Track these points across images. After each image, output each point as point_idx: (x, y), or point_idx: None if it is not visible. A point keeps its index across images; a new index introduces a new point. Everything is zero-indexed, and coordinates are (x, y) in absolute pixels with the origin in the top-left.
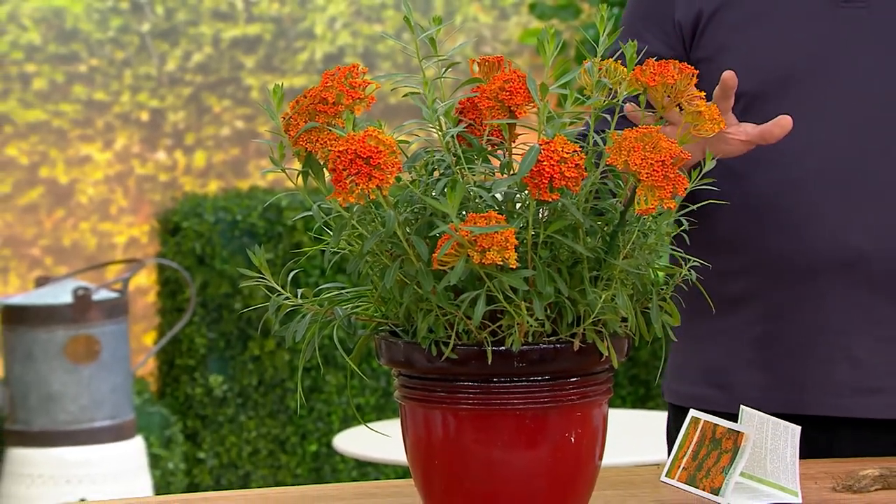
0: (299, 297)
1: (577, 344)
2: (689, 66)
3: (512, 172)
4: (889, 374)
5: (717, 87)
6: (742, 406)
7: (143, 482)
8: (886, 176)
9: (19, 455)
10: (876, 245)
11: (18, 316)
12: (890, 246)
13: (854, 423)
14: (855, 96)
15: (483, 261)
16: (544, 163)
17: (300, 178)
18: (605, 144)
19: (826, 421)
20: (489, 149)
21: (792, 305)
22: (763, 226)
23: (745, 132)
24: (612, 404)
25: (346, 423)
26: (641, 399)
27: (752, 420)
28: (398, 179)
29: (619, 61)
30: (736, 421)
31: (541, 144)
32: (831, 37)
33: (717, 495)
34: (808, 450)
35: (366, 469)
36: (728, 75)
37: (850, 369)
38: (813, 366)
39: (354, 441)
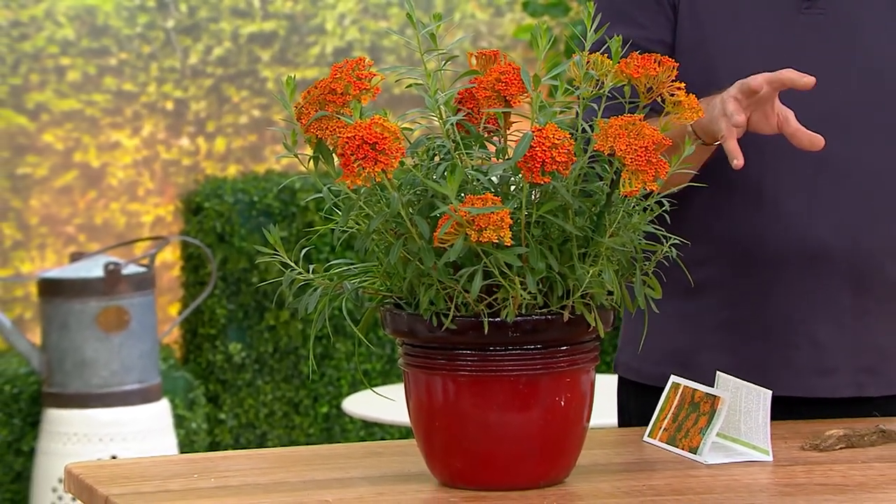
0: (311, 272)
1: (566, 315)
2: (671, 59)
3: (507, 157)
4: (846, 354)
5: (742, 86)
6: (718, 372)
7: (168, 441)
8: (848, 172)
9: (56, 415)
10: (839, 237)
11: (55, 288)
12: (853, 238)
13: (814, 402)
14: (816, 98)
15: (480, 239)
16: (537, 148)
17: (312, 162)
18: (592, 131)
19: (787, 401)
20: (486, 136)
21: (757, 293)
22: (730, 217)
23: (785, 118)
24: (598, 370)
25: (355, 387)
26: None
27: (727, 385)
28: (402, 164)
29: (606, 54)
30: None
31: (534, 131)
32: (792, 42)
33: (695, 454)
34: None
35: (372, 429)
36: (756, 84)
37: (811, 353)
38: (776, 350)
39: (362, 404)
